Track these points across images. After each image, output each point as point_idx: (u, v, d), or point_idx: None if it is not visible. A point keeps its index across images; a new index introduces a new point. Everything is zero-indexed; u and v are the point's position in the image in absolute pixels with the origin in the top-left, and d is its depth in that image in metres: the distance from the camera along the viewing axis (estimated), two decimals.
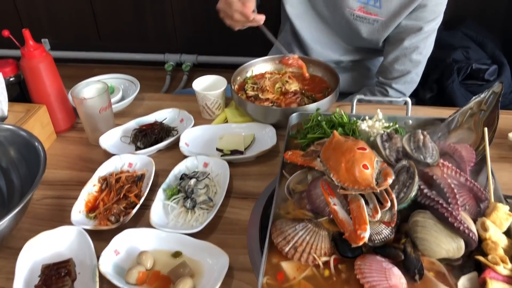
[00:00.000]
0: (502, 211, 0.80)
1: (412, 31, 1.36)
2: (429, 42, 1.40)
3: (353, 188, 0.81)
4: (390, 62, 1.44)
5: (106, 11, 2.91)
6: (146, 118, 1.30)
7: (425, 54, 1.42)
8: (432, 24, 1.36)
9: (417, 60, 1.42)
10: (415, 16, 1.34)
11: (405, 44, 1.38)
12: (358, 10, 1.36)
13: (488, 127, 1.00)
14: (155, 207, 0.99)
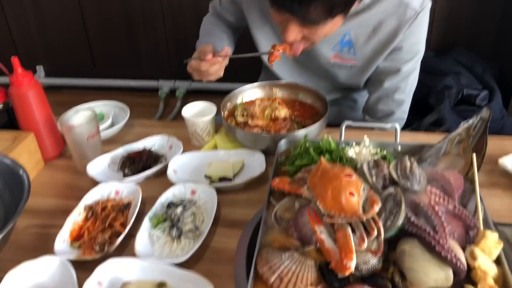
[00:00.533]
0: (491, 239, 0.79)
1: (391, 73, 1.35)
2: (411, 80, 1.38)
3: (340, 216, 0.79)
4: (373, 102, 1.43)
5: (100, 38, 2.94)
6: (134, 145, 1.29)
7: (408, 92, 1.41)
8: (411, 64, 1.33)
9: (400, 100, 1.40)
10: (392, 58, 1.32)
11: (386, 86, 1.37)
12: (334, 58, 1.36)
13: (477, 153, 0.99)
14: (141, 236, 0.97)
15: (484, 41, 2.41)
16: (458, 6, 2.35)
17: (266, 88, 1.45)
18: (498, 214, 1.04)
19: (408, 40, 1.28)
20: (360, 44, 1.31)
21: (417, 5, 1.23)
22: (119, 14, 2.83)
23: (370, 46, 1.30)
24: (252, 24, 1.43)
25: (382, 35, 1.27)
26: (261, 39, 1.45)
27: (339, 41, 1.32)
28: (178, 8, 2.72)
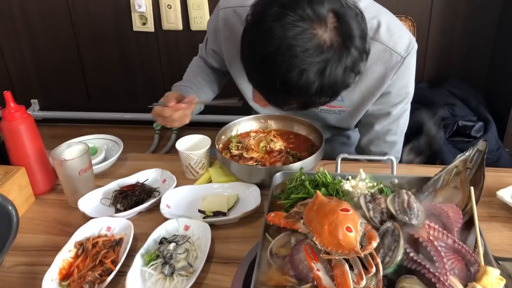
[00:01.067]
0: (493, 275, 0.76)
1: (381, 116, 1.33)
2: (402, 122, 1.37)
3: (337, 253, 0.77)
4: (365, 144, 1.42)
5: (95, 72, 2.95)
6: (127, 179, 1.27)
7: (400, 133, 1.39)
8: (401, 106, 1.31)
9: (392, 141, 1.39)
10: (381, 102, 1.30)
11: (377, 128, 1.36)
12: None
13: (474, 185, 0.98)
14: (132, 274, 0.94)
15: (477, 73, 2.43)
16: (451, 39, 2.38)
17: (261, 120, 1.44)
18: (498, 248, 1.01)
19: (396, 85, 1.25)
20: (347, 92, 1.22)
21: (402, 50, 1.20)
22: (115, 48, 2.85)
23: (357, 92, 1.28)
24: (235, 74, 1.43)
25: (369, 82, 1.24)
26: (245, 88, 1.44)
27: None
28: (173, 43, 2.75)
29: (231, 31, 1.32)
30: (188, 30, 2.66)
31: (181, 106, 1.23)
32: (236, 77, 1.44)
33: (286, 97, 1.00)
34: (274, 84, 0.96)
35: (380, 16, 1.21)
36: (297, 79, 0.93)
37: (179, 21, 2.63)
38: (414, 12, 2.26)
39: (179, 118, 1.25)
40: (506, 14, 2.20)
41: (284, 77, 0.94)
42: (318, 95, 0.98)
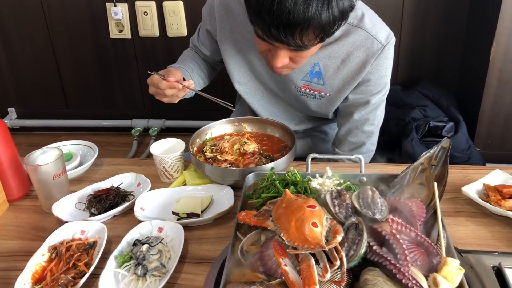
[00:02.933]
0: (453, 266, 0.79)
1: (360, 105, 1.39)
2: (379, 112, 1.43)
3: (303, 247, 0.79)
4: (343, 135, 1.46)
5: (73, 79, 2.94)
6: (102, 183, 1.28)
7: (376, 124, 1.44)
8: (379, 96, 1.37)
9: (369, 131, 1.44)
10: (360, 91, 1.36)
11: (355, 117, 1.40)
12: (303, 88, 1.40)
13: (439, 182, 1.01)
14: (105, 276, 0.95)
15: (448, 75, 2.49)
16: (422, 42, 2.44)
17: (235, 123, 1.46)
18: (463, 241, 1.05)
19: (375, 73, 1.32)
20: (329, 75, 1.35)
21: (383, 39, 1.28)
22: (92, 55, 2.85)
23: (338, 77, 1.34)
24: (225, 54, 1.46)
25: (350, 67, 1.31)
26: (234, 69, 1.47)
27: (308, 72, 1.36)
28: (150, 49, 2.76)
29: (225, 9, 1.38)
30: (165, 37, 2.68)
31: (178, 85, 1.25)
32: (225, 57, 1.47)
33: (292, 31, 1.02)
34: (282, 20, 0.99)
35: (363, 8, 1.31)
36: (303, 10, 0.98)
37: (156, 27, 2.64)
38: (385, 16, 2.29)
39: (171, 95, 1.28)
40: (474, 17, 2.26)
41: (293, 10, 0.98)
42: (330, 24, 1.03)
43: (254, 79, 1.49)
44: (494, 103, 2.12)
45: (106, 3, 2.64)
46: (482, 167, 1.32)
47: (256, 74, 1.46)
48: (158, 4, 2.58)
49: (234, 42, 1.42)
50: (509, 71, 2.04)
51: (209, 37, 1.50)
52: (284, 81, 1.41)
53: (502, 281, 0.90)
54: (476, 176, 1.24)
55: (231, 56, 1.46)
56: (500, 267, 0.92)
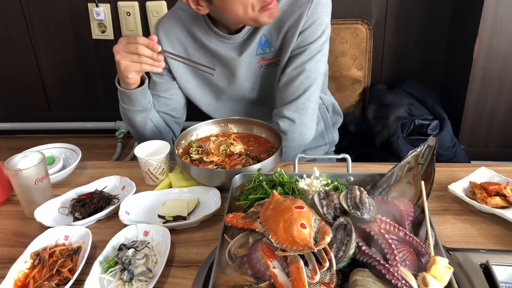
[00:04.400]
0: (442, 265, 0.79)
1: (298, 54, 1.41)
2: (314, 62, 1.42)
3: (292, 249, 0.78)
4: (279, 89, 1.46)
5: (55, 81, 2.90)
6: (85, 187, 1.26)
7: (314, 77, 1.42)
8: (316, 45, 1.40)
9: (305, 83, 1.41)
10: (299, 41, 1.40)
11: (293, 66, 1.41)
12: (261, 61, 1.45)
13: (426, 180, 1.01)
14: (90, 282, 0.93)
15: (432, 74, 2.51)
16: (406, 42, 2.46)
17: (221, 124, 1.45)
18: (450, 239, 1.05)
19: (310, 22, 1.38)
20: (275, 40, 1.42)
21: None
22: (74, 57, 2.80)
23: (281, 36, 1.41)
24: (181, 81, 1.54)
25: (289, 23, 1.39)
26: (195, 93, 1.57)
27: (258, 46, 1.42)
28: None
29: (168, 37, 1.49)
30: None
31: (157, 48, 1.28)
32: (183, 84, 1.54)
33: None
34: None
35: None
36: None
37: (139, 28, 2.61)
38: (370, 16, 2.33)
39: (141, 55, 1.27)
40: (457, 16, 2.28)
41: None
42: None
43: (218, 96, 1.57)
44: (478, 101, 2.14)
45: (87, 4, 2.60)
46: (468, 165, 1.32)
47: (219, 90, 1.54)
48: (141, 4, 2.55)
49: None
50: (492, 69, 2.06)
51: (166, 75, 1.54)
52: (247, 64, 1.45)
53: (490, 278, 0.90)
54: (462, 174, 1.25)
55: (189, 81, 1.54)
56: (488, 265, 0.92)
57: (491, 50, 2.03)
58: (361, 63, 2.25)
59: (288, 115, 1.40)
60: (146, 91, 1.42)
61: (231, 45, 1.44)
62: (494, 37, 2.00)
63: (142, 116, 1.45)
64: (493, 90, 2.11)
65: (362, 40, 2.20)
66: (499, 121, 2.19)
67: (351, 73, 2.27)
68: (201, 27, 1.45)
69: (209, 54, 1.48)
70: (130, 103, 1.42)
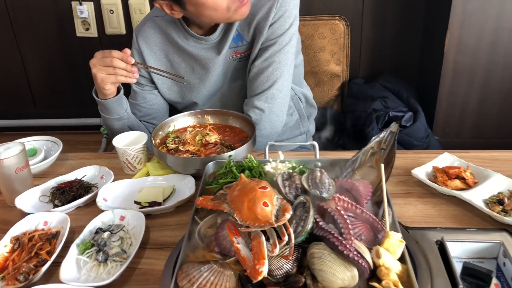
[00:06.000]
0: (394, 238, 0.85)
1: (268, 46, 1.46)
2: (283, 54, 1.47)
3: (254, 226, 0.84)
4: (250, 80, 1.51)
5: (40, 79, 2.92)
6: (65, 176, 1.30)
7: (282, 69, 1.47)
8: (284, 37, 1.46)
9: (275, 75, 1.47)
10: (268, 34, 1.45)
11: (263, 58, 1.46)
12: (235, 54, 1.51)
13: (387, 164, 1.07)
14: (66, 263, 0.97)
15: (408, 67, 2.57)
16: (382, 36, 2.52)
17: (198, 115, 1.50)
18: (411, 220, 1.11)
19: (279, 15, 1.44)
20: (246, 33, 1.48)
21: None
22: (59, 54, 2.83)
23: (252, 29, 1.47)
24: (159, 83, 1.59)
25: (259, 17, 1.44)
26: (171, 94, 1.62)
27: (231, 40, 1.48)
28: (117, 47, 2.74)
29: (149, 45, 1.56)
30: (131, 34, 2.67)
31: (130, 61, 1.35)
32: (164, 91, 1.61)
33: None
34: None
35: None
36: None
37: (122, 25, 2.65)
38: (347, 12, 2.38)
39: (116, 68, 1.34)
40: (430, 10, 2.35)
41: None
42: None
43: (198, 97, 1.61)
44: (450, 93, 2.21)
45: (71, 2, 2.63)
46: (433, 152, 1.38)
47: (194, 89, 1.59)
48: (123, 2, 2.59)
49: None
50: (463, 62, 2.13)
51: (146, 85, 1.60)
52: (221, 57, 1.50)
53: (444, 254, 0.96)
54: (427, 160, 1.31)
55: (170, 87, 1.60)
56: (443, 241, 0.98)
57: (461, 44, 2.09)
58: (339, 58, 2.31)
59: (259, 105, 1.46)
60: (122, 100, 1.48)
61: (208, 45, 1.50)
62: (463, 31, 2.07)
63: (119, 124, 1.52)
64: (464, 82, 2.18)
65: (340, 36, 2.26)
66: (471, 112, 2.26)
67: (330, 68, 2.32)
68: (179, 32, 1.51)
69: (189, 57, 1.53)
70: (107, 112, 1.49)
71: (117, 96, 1.45)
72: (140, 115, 1.62)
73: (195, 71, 1.55)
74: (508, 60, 2.11)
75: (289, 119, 1.68)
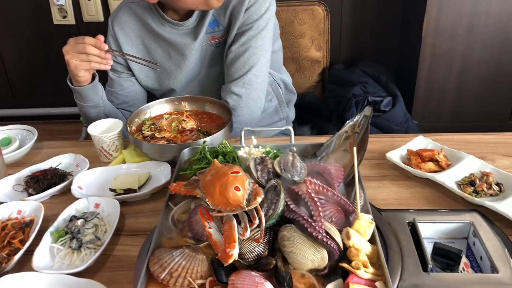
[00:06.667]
0: (364, 220, 0.86)
1: (245, 31, 1.46)
2: (260, 39, 1.47)
3: (226, 210, 0.84)
4: (227, 66, 1.51)
5: (18, 68, 2.88)
6: (40, 165, 1.29)
7: (260, 55, 1.47)
8: (260, 22, 1.46)
9: (251, 60, 1.46)
10: (244, 19, 1.45)
11: (239, 44, 1.46)
12: (211, 40, 1.50)
13: (361, 147, 1.08)
14: (40, 251, 0.97)
15: (387, 52, 2.58)
16: (362, 21, 2.52)
17: (174, 102, 1.49)
18: (385, 202, 1.12)
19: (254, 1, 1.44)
20: (222, 18, 1.48)
21: None
22: (36, 43, 2.78)
23: (228, 14, 1.46)
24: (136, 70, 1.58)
25: (234, 2, 1.44)
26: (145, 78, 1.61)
27: (208, 25, 1.47)
28: (96, 33, 2.71)
29: (125, 32, 1.54)
30: None
31: (104, 47, 1.32)
32: (142, 78, 1.60)
33: None
34: None
35: None
36: None
37: (100, 12, 2.61)
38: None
39: (89, 54, 1.32)
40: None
41: None
42: None
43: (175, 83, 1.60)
44: (428, 77, 2.22)
45: None
46: (408, 135, 1.39)
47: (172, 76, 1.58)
48: None
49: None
50: (441, 46, 2.14)
51: (123, 72, 1.59)
52: (198, 43, 1.49)
53: (415, 235, 0.97)
54: (402, 143, 1.32)
55: (148, 74, 1.59)
56: (414, 222, 1.00)
57: (439, 27, 2.10)
58: (319, 44, 2.30)
59: (236, 91, 1.45)
60: (97, 87, 1.46)
61: (184, 31, 1.49)
62: (440, 15, 2.08)
63: (95, 112, 1.51)
64: (442, 66, 2.19)
65: (320, 21, 2.25)
66: (449, 95, 2.28)
67: (310, 54, 2.32)
68: (154, 18, 1.49)
69: (165, 43, 1.52)
70: (82, 100, 1.47)
71: (92, 83, 1.43)
72: (117, 102, 1.60)
73: (172, 57, 1.53)
74: (484, 43, 2.13)
75: (268, 105, 1.68)
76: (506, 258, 0.90)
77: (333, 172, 0.97)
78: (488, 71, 2.21)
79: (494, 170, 1.16)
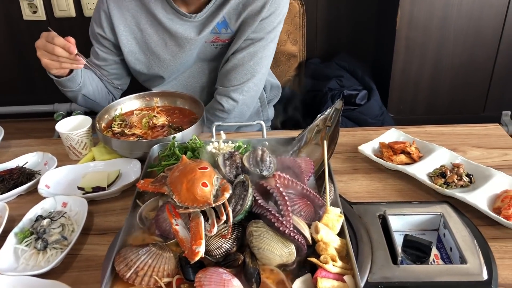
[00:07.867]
0: (333, 213, 0.85)
1: (256, 40, 1.45)
2: (267, 50, 1.48)
3: (193, 207, 0.82)
4: (228, 70, 1.48)
5: None
6: (6, 164, 1.25)
7: (263, 65, 1.48)
8: (272, 34, 1.46)
9: (255, 69, 1.47)
10: (256, 29, 1.43)
11: (245, 52, 1.45)
12: (214, 40, 1.47)
13: (332, 141, 1.07)
14: (3, 253, 0.94)
15: (363, 46, 2.59)
16: (338, 15, 2.52)
17: (146, 98, 1.46)
18: (357, 195, 1.12)
19: (271, 11, 1.42)
20: (233, 22, 1.44)
21: None
22: (6, 38, 2.71)
23: (241, 19, 1.43)
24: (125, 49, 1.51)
25: (251, 8, 1.41)
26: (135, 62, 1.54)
27: (215, 25, 1.44)
28: (68, 30, 2.64)
29: (120, 9, 1.45)
30: (82, 17, 2.59)
31: (73, 51, 1.24)
32: (130, 60, 1.52)
33: None
34: None
35: None
36: None
37: (71, 8, 2.56)
38: None
39: (58, 56, 1.24)
40: None
41: None
42: None
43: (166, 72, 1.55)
44: (403, 70, 2.24)
45: None
46: (380, 128, 1.39)
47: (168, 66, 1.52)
48: None
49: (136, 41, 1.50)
50: (415, 39, 2.16)
51: (104, 40, 1.52)
52: (199, 40, 1.45)
53: (386, 227, 0.97)
54: (375, 136, 1.32)
55: (138, 58, 1.52)
56: (385, 215, 1.00)
57: (412, 20, 2.12)
58: (295, 38, 2.29)
59: (234, 97, 1.46)
60: (75, 77, 1.40)
61: (189, 24, 1.44)
62: (414, 8, 2.09)
63: (73, 93, 1.46)
64: (416, 58, 2.21)
65: (295, 15, 2.24)
66: (424, 88, 2.30)
67: (287, 48, 2.30)
68: (158, 2, 1.43)
69: (163, 31, 1.46)
70: (60, 86, 1.44)
71: (69, 76, 1.37)
72: (99, 74, 1.51)
73: (168, 46, 1.48)
74: (457, 35, 2.15)
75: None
76: (475, 249, 0.90)
77: (303, 166, 0.96)
78: (461, 63, 2.23)
79: (464, 162, 1.17)
